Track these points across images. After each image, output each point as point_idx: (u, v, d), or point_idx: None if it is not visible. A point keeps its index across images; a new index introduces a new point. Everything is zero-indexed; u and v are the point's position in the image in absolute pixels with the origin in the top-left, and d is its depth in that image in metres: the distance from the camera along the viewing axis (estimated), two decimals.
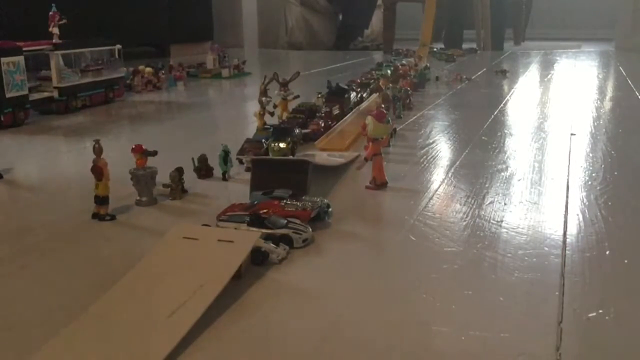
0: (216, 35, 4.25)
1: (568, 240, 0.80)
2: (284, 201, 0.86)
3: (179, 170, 0.99)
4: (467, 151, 1.30)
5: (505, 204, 0.95)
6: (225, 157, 1.07)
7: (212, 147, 1.13)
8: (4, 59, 1.55)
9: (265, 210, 0.83)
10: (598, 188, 1.03)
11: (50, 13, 1.81)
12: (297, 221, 0.80)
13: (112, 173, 0.89)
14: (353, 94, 1.72)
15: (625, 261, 0.74)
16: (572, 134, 1.48)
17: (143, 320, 0.58)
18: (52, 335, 0.56)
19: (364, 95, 1.79)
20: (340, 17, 5.04)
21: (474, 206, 0.94)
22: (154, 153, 0.98)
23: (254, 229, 0.77)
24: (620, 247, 0.78)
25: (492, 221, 0.87)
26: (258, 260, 0.72)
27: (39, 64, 1.81)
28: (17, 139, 1.50)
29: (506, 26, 4.71)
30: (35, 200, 1.03)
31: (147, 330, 0.57)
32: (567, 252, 0.76)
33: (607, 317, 0.60)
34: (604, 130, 1.55)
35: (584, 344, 0.56)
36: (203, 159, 1.10)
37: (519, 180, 1.09)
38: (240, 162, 1.15)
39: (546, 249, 0.77)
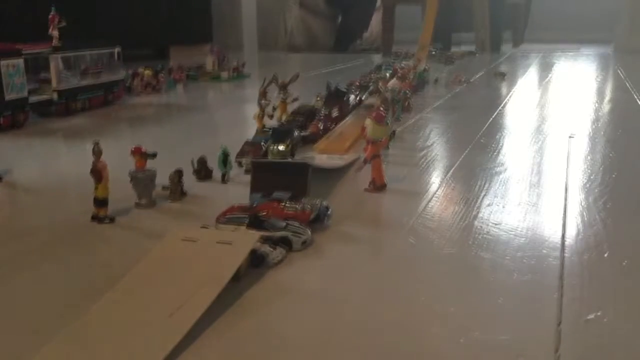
0: (215, 37, 4.25)
1: (567, 242, 0.80)
2: (284, 203, 0.86)
3: (179, 172, 0.99)
4: (465, 153, 1.30)
5: (503, 206, 0.95)
6: (224, 159, 1.08)
7: (211, 149, 1.13)
8: (4, 61, 1.55)
9: (264, 212, 0.83)
10: (597, 190, 1.03)
11: (50, 15, 1.82)
12: (297, 223, 0.80)
13: (111, 175, 0.89)
14: (352, 96, 1.72)
15: (624, 263, 0.74)
16: (570, 136, 1.48)
17: (143, 320, 0.58)
18: (52, 336, 0.56)
19: (363, 97, 1.80)
20: (340, 19, 5.05)
21: (473, 208, 0.94)
22: (153, 155, 0.98)
23: (253, 230, 0.77)
24: (619, 249, 0.78)
25: (490, 223, 0.87)
26: (255, 263, 0.72)
27: (38, 67, 1.82)
28: (17, 141, 1.50)
29: (504, 28, 4.72)
30: (34, 202, 1.03)
31: (147, 331, 0.57)
32: (565, 254, 0.76)
33: (605, 319, 0.60)
34: (602, 132, 1.56)
35: (582, 345, 0.56)
36: (202, 161, 1.10)
37: (517, 182, 1.09)
38: (240, 164, 1.16)
39: (545, 251, 0.77)
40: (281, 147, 1.15)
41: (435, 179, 1.12)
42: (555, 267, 0.72)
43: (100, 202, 0.89)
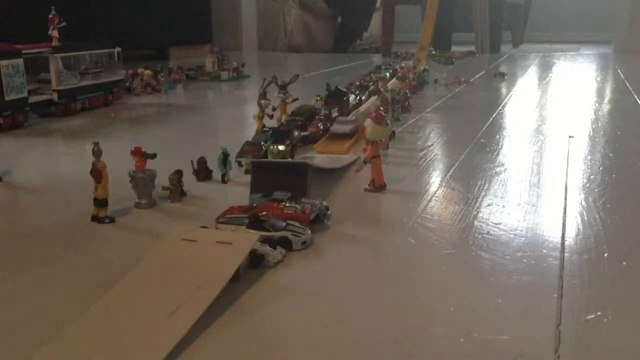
0: (215, 37, 4.25)
1: (566, 242, 0.80)
2: (283, 203, 0.86)
3: (178, 173, 0.99)
4: (465, 153, 1.30)
5: (503, 206, 0.95)
6: (224, 159, 1.08)
7: (211, 149, 1.13)
8: (4, 62, 1.55)
9: (264, 213, 0.83)
10: (596, 190, 1.03)
11: (50, 16, 1.82)
12: (296, 223, 0.80)
13: (111, 175, 0.90)
14: (352, 97, 1.72)
15: (624, 263, 0.74)
16: (570, 137, 1.48)
17: (142, 320, 0.58)
18: (52, 336, 0.56)
19: (363, 97, 1.80)
20: (339, 19, 5.05)
21: (473, 208, 0.94)
22: (153, 155, 0.98)
23: (253, 231, 0.77)
24: (619, 249, 0.78)
25: (490, 223, 0.87)
26: (254, 262, 0.72)
27: (38, 67, 1.82)
28: (17, 142, 1.50)
29: (504, 29, 4.72)
30: (34, 203, 1.03)
31: (147, 331, 0.57)
32: (565, 254, 0.76)
33: (605, 320, 0.60)
34: (602, 132, 1.56)
35: (582, 346, 0.56)
36: (202, 162, 1.10)
37: (517, 182, 1.09)
38: (240, 164, 1.16)
39: (544, 251, 0.77)
40: (281, 147, 1.15)
41: (435, 179, 1.12)
42: (555, 268, 0.72)
43: (100, 203, 0.89)
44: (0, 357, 0.55)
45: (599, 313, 0.61)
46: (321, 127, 1.40)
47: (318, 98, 1.63)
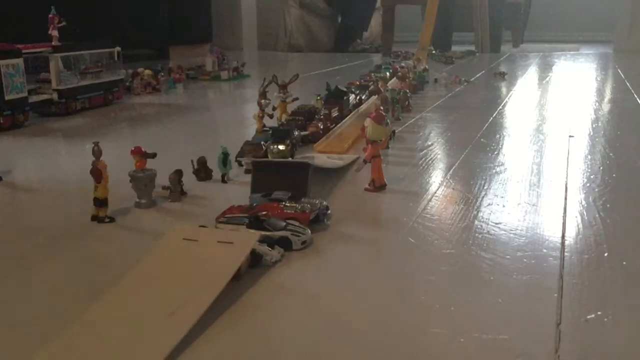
0: (215, 37, 4.25)
1: (566, 242, 0.80)
2: (283, 203, 0.86)
3: (178, 173, 0.99)
4: (465, 153, 1.30)
5: (503, 206, 0.95)
6: (224, 159, 1.08)
7: (211, 149, 1.13)
8: (4, 62, 1.55)
9: (264, 212, 0.83)
10: (596, 190, 1.03)
11: (50, 15, 1.82)
12: (296, 223, 0.80)
13: (111, 175, 0.90)
14: (352, 96, 1.72)
15: (624, 263, 0.74)
16: (570, 136, 1.48)
17: (143, 320, 0.58)
18: (52, 336, 0.56)
19: (363, 97, 1.80)
20: (340, 19, 5.05)
21: (473, 208, 0.94)
22: (153, 155, 0.98)
23: (253, 230, 0.77)
24: (619, 249, 0.78)
25: (490, 223, 0.87)
26: (252, 262, 0.72)
27: (38, 67, 1.82)
28: (17, 141, 1.50)
29: (504, 28, 4.72)
30: (34, 203, 1.03)
31: (147, 331, 0.57)
32: (565, 254, 0.76)
33: (605, 319, 0.60)
34: (602, 132, 1.56)
35: (582, 345, 0.56)
36: (202, 161, 1.10)
37: (517, 182, 1.09)
38: (240, 164, 1.16)
39: (545, 250, 0.77)
40: (281, 147, 1.15)
41: (435, 179, 1.12)
42: (555, 267, 0.72)
43: (100, 202, 0.89)
44: (0, 357, 0.55)
45: (599, 313, 0.61)
46: (321, 127, 1.40)
47: (318, 98, 1.63)
